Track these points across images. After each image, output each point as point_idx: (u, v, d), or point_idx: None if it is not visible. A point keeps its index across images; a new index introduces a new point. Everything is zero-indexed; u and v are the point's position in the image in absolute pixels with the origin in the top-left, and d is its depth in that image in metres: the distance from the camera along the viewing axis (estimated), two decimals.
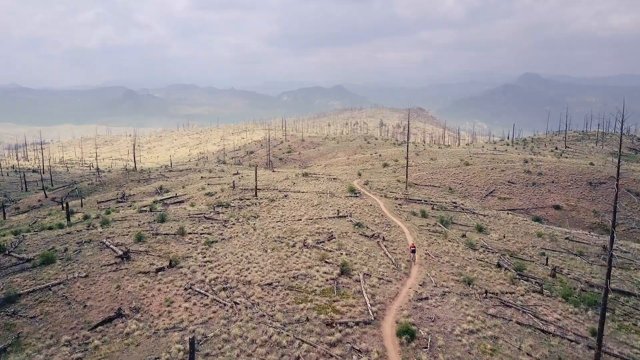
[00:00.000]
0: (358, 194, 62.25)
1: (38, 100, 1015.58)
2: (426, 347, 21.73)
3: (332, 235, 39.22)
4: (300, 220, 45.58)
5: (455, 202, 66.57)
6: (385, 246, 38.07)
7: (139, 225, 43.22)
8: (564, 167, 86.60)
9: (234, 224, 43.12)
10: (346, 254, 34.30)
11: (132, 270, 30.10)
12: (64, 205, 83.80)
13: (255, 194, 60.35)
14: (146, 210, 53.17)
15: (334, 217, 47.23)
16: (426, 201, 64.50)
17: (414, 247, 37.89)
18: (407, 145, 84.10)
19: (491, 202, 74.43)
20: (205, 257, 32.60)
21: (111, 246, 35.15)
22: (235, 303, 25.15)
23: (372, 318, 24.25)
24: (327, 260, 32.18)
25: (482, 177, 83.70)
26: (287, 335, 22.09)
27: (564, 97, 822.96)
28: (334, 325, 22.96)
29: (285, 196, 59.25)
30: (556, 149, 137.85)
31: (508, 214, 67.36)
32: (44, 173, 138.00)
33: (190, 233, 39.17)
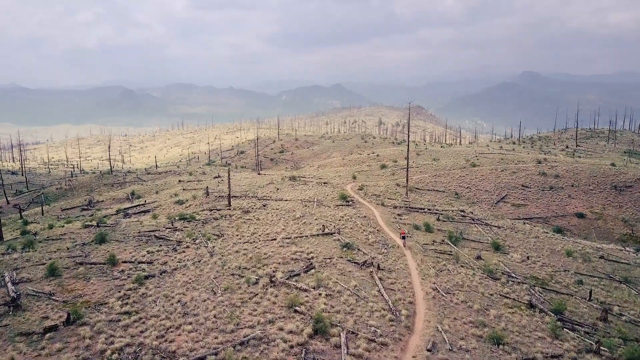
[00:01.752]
0: (351, 202, 53.06)
1: (37, 100, 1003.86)
2: None
3: (311, 264, 29.97)
4: (275, 239, 36.36)
5: (463, 211, 57.37)
6: (380, 278, 28.87)
7: (69, 248, 34.01)
8: (583, 169, 77.32)
9: (187, 247, 33.84)
10: (326, 296, 25.06)
11: (13, 329, 20.84)
12: (21, 214, 74.92)
13: (229, 203, 51.11)
14: (93, 225, 43.95)
15: (317, 235, 38.03)
16: (430, 210, 55.35)
17: (404, 234, 36.94)
18: (408, 145, 74.72)
19: (504, 209, 65.21)
20: (126, 304, 23.25)
21: (8, 284, 25.96)
22: None
23: None
24: (297, 308, 22.90)
25: (491, 180, 74.43)
26: None
27: (563, 95, 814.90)
28: None
29: (264, 206, 50.05)
30: (567, 147, 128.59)
31: (525, 223, 58.14)
32: (22, 175, 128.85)
33: (125, 262, 29.91)
